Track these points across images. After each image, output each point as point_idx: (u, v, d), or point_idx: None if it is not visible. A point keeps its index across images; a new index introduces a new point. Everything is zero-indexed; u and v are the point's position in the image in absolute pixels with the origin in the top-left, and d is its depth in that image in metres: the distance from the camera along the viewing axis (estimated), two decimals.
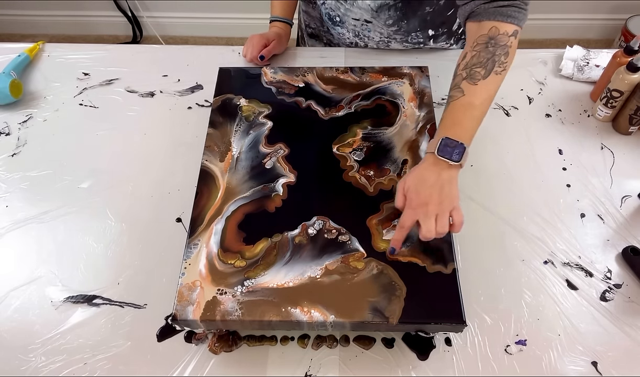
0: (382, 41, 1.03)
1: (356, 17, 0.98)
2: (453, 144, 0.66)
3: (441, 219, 0.64)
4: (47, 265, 0.77)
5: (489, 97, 0.70)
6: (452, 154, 0.66)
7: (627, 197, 0.84)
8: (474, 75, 0.70)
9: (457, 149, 0.66)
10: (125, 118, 0.97)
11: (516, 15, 0.70)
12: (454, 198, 0.66)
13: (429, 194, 0.65)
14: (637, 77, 0.85)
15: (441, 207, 0.64)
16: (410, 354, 0.68)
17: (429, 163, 0.67)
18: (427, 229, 0.63)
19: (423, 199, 0.65)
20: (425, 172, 0.67)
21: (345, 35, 1.05)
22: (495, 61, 0.69)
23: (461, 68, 0.72)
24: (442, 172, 0.66)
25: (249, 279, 0.65)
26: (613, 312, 0.71)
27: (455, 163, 0.66)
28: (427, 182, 0.66)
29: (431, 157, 0.67)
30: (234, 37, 2.36)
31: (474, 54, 0.71)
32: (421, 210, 0.64)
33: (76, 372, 0.67)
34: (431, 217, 0.64)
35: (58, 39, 2.37)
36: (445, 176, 0.66)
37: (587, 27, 2.23)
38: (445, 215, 0.64)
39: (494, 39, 0.70)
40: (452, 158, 0.66)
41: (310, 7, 1.08)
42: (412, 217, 0.65)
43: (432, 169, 0.67)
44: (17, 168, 0.90)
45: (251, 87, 0.88)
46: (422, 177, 0.67)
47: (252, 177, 0.75)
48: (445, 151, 0.66)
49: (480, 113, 0.70)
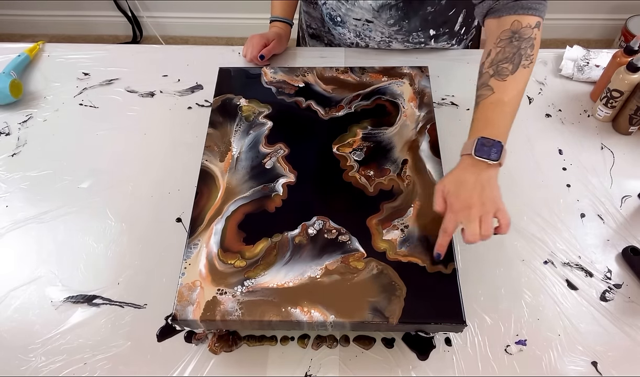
0: (383, 41, 1.03)
1: (357, 17, 0.98)
2: (490, 142, 0.64)
3: (485, 221, 0.62)
4: (47, 265, 0.77)
5: (518, 92, 0.69)
6: (490, 153, 0.64)
7: (627, 197, 0.84)
8: (502, 71, 0.68)
9: (494, 147, 0.64)
10: (125, 118, 0.97)
11: (537, 6, 0.69)
12: (497, 199, 0.64)
13: (469, 196, 0.63)
14: (637, 77, 0.85)
15: (484, 209, 0.63)
16: (410, 354, 0.68)
17: (466, 164, 0.66)
18: (471, 232, 0.62)
19: (464, 202, 0.63)
20: (464, 173, 0.65)
21: (347, 35, 1.05)
22: (521, 55, 0.68)
23: (487, 66, 0.70)
24: (482, 173, 0.64)
25: (249, 279, 0.65)
26: (613, 312, 0.71)
27: (494, 162, 0.64)
28: (467, 184, 0.64)
29: (468, 159, 0.65)
30: (234, 37, 2.36)
31: (498, 50, 0.70)
32: (463, 214, 0.63)
33: (76, 372, 0.67)
34: (474, 221, 0.62)
35: (58, 39, 2.37)
36: (484, 177, 0.64)
37: (587, 27, 2.23)
38: (489, 217, 0.62)
39: (518, 33, 0.69)
40: (490, 157, 0.64)
41: (311, 7, 1.08)
42: (454, 220, 0.64)
43: (471, 170, 0.65)
44: (17, 168, 0.90)
45: (251, 87, 0.88)
46: (461, 179, 0.65)
47: (252, 177, 0.75)
48: (482, 151, 0.64)
49: (511, 109, 0.68)
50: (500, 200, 0.64)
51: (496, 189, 0.65)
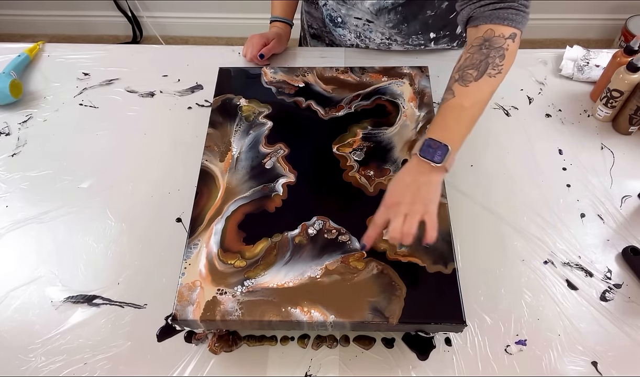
0: (383, 43, 1.03)
1: (358, 16, 0.98)
2: (436, 145, 0.64)
3: (410, 219, 0.61)
4: (47, 265, 0.77)
5: (481, 100, 0.67)
6: (435, 155, 0.63)
7: (627, 197, 0.84)
8: (466, 76, 0.68)
9: (439, 150, 0.63)
10: (125, 118, 0.97)
11: (513, 17, 0.68)
12: (429, 202, 0.63)
13: (402, 194, 0.63)
14: (637, 77, 0.85)
15: (412, 208, 0.62)
16: (410, 354, 0.68)
17: (411, 164, 0.66)
18: (393, 227, 0.61)
19: (395, 198, 0.63)
20: (404, 171, 0.66)
21: (347, 36, 1.05)
22: (489, 63, 0.67)
23: (455, 71, 0.70)
24: (422, 175, 0.64)
25: (249, 279, 0.65)
26: (613, 312, 0.71)
27: (437, 165, 0.63)
28: (404, 182, 0.64)
29: (415, 159, 0.65)
30: (234, 37, 2.36)
31: (467, 56, 0.69)
32: (392, 209, 0.63)
33: (76, 372, 0.67)
34: (399, 217, 0.62)
35: (58, 39, 2.37)
36: (423, 179, 0.63)
37: (587, 27, 2.23)
38: (415, 217, 0.61)
39: (489, 41, 0.68)
40: (433, 159, 0.63)
41: (313, 7, 1.08)
42: (383, 215, 0.63)
43: (412, 170, 0.65)
44: (17, 168, 0.90)
45: (251, 87, 0.88)
46: (400, 177, 0.65)
47: (252, 177, 0.75)
48: (427, 152, 0.64)
49: (469, 116, 0.67)
50: (432, 204, 0.63)
51: (433, 193, 0.63)
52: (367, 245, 0.65)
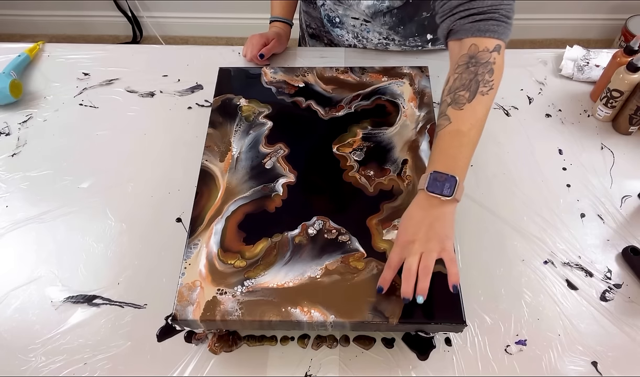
0: (381, 43, 1.03)
1: (356, 16, 0.98)
2: (443, 177, 0.62)
3: (426, 257, 0.60)
4: (47, 265, 0.77)
5: (477, 121, 0.65)
6: (443, 188, 0.61)
7: (627, 197, 0.84)
8: (459, 99, 0.65)
9: (447, 182, 0.61)
10: (125, 118, 0.97)
11: (495, 28, 0.65)
12: (445, 238, 0.61)
13: (415, 231, 0.61)
14: (637, 77, 0.85)
15: (427, 246, 0.60)
16: (410, 354, 0.68)
17: (419, 199, 0.64)
18: (407, 265, 0.59)
19: (409, 236, 0.61)
20: (413, 208, 0.64)
21: (345, 36, 1.05)
22: (479, 81, 0.65)
23: (445, 94, 0.67)
24: (433, 209, 0.61)
25: (249, 279, 0.65)
26: (613, 312, 0.71)
27: (447, 198, 0.61)
28: (415, 219, 0.62)
29: (422, 194, 0.63)
30: (234, 37, 2.36)
31: (455, 76, 0.67)
32: (407, 248, 0.61)
33: (76, 372, 0.67)
34: (415, 255, 0.60)
35: (58, 39, 2.37)
36: (435, 213, 0.61)
37: (587, 27, 2.23)
38: (431, 254, 0.60)
39: (475, 58, 0.66)
40: (442, 193, 0.61)
41: (311, 7, 1.08)
42: (398, 255, 0.62)
43: (421, 205, 0.63)
44: (17, 168, 0.90)
45: (251, 87, 0.88)
46: (411, 214, 0.63)
47: (252, 177, 0.75)
48: (435, 186, 0.61)
49: (470, 140, 0.65)
50: (449, 240, 0.61)
51: (448, 228, 0.61)
52: (384, 288, 0.62)
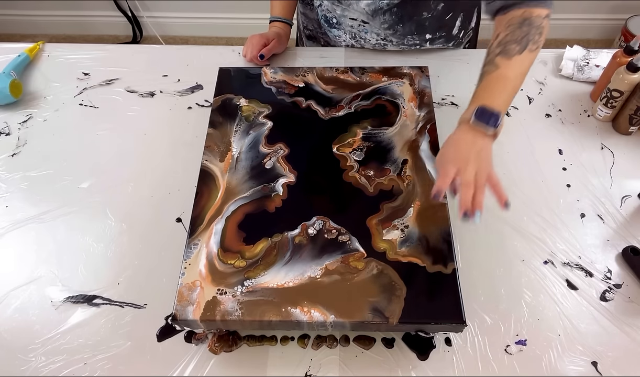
0: (379, 43, 1.03)
1: (354, 17, 0.98)
2: (488, 112, 0.66)
3: (481, 176, 0.63)
4: (47, 265, 0.77)
5: (522, 72, 0.71)
6: (489, 121, 0.66)
7: (627, 197, 0.84)
8: (509, 51, 0.71)
9: (493, 117, 0.66)
10: (125, 118, 0.97)
11: (545, 1, 0.73)
12: (491, 163, 0.65)
13: (467, 154, 0.65)
14: (637, 77, 0.85)
15: (480, 166, 0.64)
16: (410, 354, 0.68)
17: (463, 129, 0.68)
18: (466, 179, 0.63)
19: (464, 154, 0.65)
20: (459, 135, 0.68)
21: (342, 37, 1.05)
22: (529, 39, 0.71)
23: (495, 46, 0.73)
24: (477, 139, 0.66)
25: (249, 279, 0.65)
26: (613, 312, 0.71)
27: (490, 132, 0.66)
28: (464, 143, 0.66)
29: (466, 126, 0.67)
30: (234, 37, 2.36)
31: (507, 32, 0.72)
32: (461, 164, 0.64)
33: (76, 372, 0.67)
34: (471, 171, 0.63)
35: (58, 39, 2.37)
36: (480, 143, 0.66)
37: (587, 27, 2.23)
38: (484, 173, 0.64)
39: (528, 20, 0.72)
40: (488, 125, 0.66)
41: (308, 9, 1.08)
42: (453, 167, 0.64)
43: (468, 135, 0.67)
44: (17, 168, 0.90)
45: (251, 87, 0.88)
46: (458, 139, 0.67)
47: (252, 177, 0.75)
48: (481, 119, 0.66)
49: (513, 87, 0.70)
50: (492, 169, 0.65)
51: (490, 158, 0.66)
52: (439, 195, 0.64)
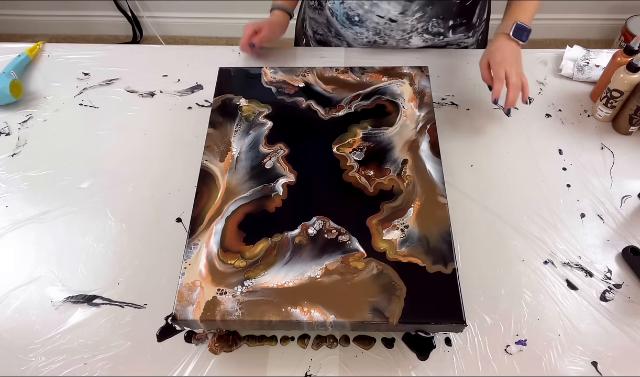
0: (403, 39, 1.04)
1: (381, 14, 0.98)
2: (523, 28, 0.88)
3: (520, 76, 0.85)
4: (47, 265, 0.77)
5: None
6: (522, 35, 0.88)
7: (627, 197, 0.84)
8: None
9: (525, 32, 0.88)
10: (125, 118, 0.97)
11: None
12: (522, 68, 0.87)
13: (510, 56, 0.86)
14: (637, 77, 0.85)
15: (519, 68, 0.86)
16: (410, 354, 0.68)
17: (503, 39, 0.89)
18: (514, 82, 0.84)
19: (507, 58, 0.86)
20: (503, 44, 0.88)
21: (364, 34, 1.04)
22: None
23: None
24: (514, 49, 0.88)
25: (249, 279, 0.65)
26: (613, 312, 0.71)
27: (522, 42, 0.89)
28: (508, 50, 0.87)
29: (504, 36, 0.89)
30: (234, 37, 2.36)
31: None
32: (507, 64, 0.85)
33: (76, 372, 0.67)
34: (516, 74, 0.84)
35: (58, 39, 2.37)
36: (516, 52, 0.88)
37: (587, 27, 2.23)
38: (522, 75, 0.86)
39: None
40: (522, 39, 0.88)
41: (317, 13, 1.07)
42: (501, 69, 0.85)
43: (508, 43, 0.88)
44: (17, 168, 0.90)
45: (251, 87, 0.88)
46: (503, 47, 0.88)
47: (252, 177, 0.75)
48: (518, 33, 0.88)
49: (537, 4, 0.92)
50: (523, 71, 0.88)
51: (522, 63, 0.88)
52: (498, 98, 0.86)
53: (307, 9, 1.09)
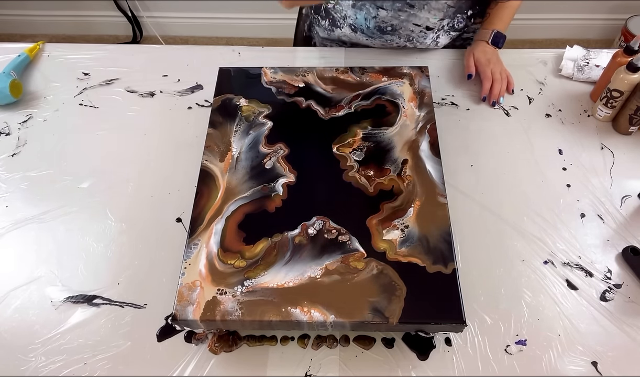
0: (434, 41, 1.05)
1: (418, 23, 1.00)
2: (500, 35, 1.00)
3: (503, 72, 0.98)
4: (47, 265, 0.77)
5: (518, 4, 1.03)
6: (499, 42, 1.00)
7: (627, 197, 0.84)
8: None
9: (502, 39, 1.00)
10: (125, 118, 0.97)
11: None
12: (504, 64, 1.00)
13: (492, 57, 0.99)
14: (637, 77, 0.85)
15: (501, 66, 0.99)
16: (410, 354, 0.68)
17: (484, 45, 1.00)
18: (498, 77, 0.96)
19: (491, 59, 0.98)
20: (485, 47, 1.00)
21: (395, 41, 1.05)
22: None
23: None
24: (494, 50, 1.00)
25: (249, 279, 0.65)
26: (613, 312, 0.71)
27: (499, 47, 1.01)
28: (489, 52, 0.99)
29: (483, 43, 1.00)
30: (234, 37, 2.36)
31: None
32: (492, 64, 0.97)
33: (76, 372, 0.67)
34: (498, 71, 0.97)
35: (58, 39, 2.37)
36: (497, 52, 1.01)
37: (587, 27, 2.23)
38: (504, 71, 0.98)
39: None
40: (498, 45, 1.00)
41: (326, 33, 1.08)
42: (488, 69, 0.97)
43: (488, 47, 1.00)
44: (17, 168, 0.90)
45: (251, 87, 0.88)
46: (485, 50, 0.99)
47: (252, 177, 0.75)
48: (495, 40, 1.00)
49: (513, 13, 1.02)
50: None
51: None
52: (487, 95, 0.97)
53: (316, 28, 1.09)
